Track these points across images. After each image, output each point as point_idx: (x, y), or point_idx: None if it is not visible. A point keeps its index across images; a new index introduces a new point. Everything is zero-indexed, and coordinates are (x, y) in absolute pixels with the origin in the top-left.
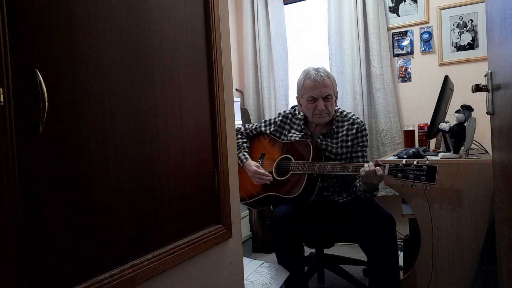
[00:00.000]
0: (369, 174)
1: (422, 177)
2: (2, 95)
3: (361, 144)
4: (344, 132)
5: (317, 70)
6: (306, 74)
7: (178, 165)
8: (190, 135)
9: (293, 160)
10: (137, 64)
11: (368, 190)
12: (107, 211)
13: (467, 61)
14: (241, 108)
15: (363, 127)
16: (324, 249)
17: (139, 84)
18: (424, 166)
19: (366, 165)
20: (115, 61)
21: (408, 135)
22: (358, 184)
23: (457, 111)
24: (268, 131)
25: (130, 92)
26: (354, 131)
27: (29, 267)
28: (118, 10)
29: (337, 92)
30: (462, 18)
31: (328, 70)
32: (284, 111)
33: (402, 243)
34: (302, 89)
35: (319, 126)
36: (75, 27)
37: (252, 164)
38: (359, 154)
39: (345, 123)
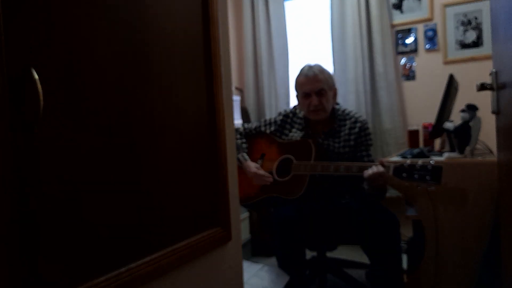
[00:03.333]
0: (372, 177)
1: (427, 177)
2: None
3: (365, 143)
4: (347, 131)
5: (310, 66)
6: (300, 71)
7: (176, 165)
8: (188, 135)
9: (295, 161)
10: (134, 62)
11: (376, 193)
12: (104, 213)
13: (472, 59)
14: (241, 107)
15: (366, 126)
16: (326, 252)
17: (136, 82)
18: (429, 166)
19: (370, 169)
20: (112, 59)
21: (413, 135)
22: (366, 187)
23: (462, 111)
24: (268, 131)
25: (126, 91)
26: (357, 130)
27: (25, 270)
28: (115, 8)
29: (335, 88)
30: (467, 15)
31: (331, 68)
32: (285, 110)
33: (406, 245)
34: (297, 86)
35: (321, 125)
36: (71, 24)
37: (252, 166)
38: (364, 153)
39: (347, 122)
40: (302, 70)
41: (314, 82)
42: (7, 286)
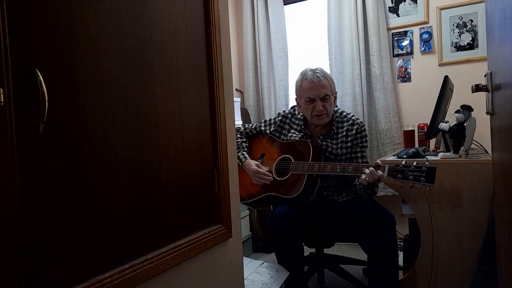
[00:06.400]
0: (370, 178)
1: (422, 178)
2: (2, 95)
3: (360, 144)
4: (344, 133)
5: (314, 71)
6: (303, 76)
7: (178, 165)
8: (190, 135)
9: (293, 160)
10: (137, 64)
11: (368, 187)
12: (107, 211)
13: (467, 61)
14: (241, 108)
15: (362, 128)
16: (324, 249)
17: (138, 84)
18: (423, 167)
19: (367, 170)
20: (115, 61)
21: (408, 135)
22: (357, 183)
23: (457, 111)
24: (268, 131)
25: (130, 92)
26: (353, 131)
27: (29, 267)
28: (118, 11)
29: (336, 93)
30: (462, 18)
31: (328, 70)
32: (284, 111)
33: (402, 243)
34: (300, 90)
35: (319, 126)
36: (75, 27)
37: (252, 163)
38: (359, 154)
39: (345, 124)
40: (305, 74)
41: (319, 88)
42: (9, 284)
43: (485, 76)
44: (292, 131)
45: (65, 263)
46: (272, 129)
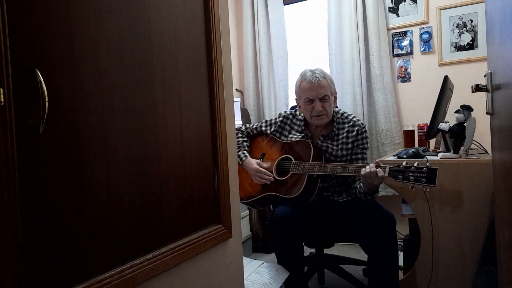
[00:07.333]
0: (369, 175)
1: (423, 179)
2: (2, 95)
3: (361, 146)
4: (345, 134)
5: (313, 71)
6: (303, 76)
7: (178, 165)
8: (190, 135)
9: (293, 161)
10: (137, 64)
11: (368, 192)
12: (107, 211)
13: (466, 61)
14: (241, 108)
15: (363, 129)
16: (324, 249)
17: (138, 83)
18: (424, 168)
19: (367, 166)
20: (115, 61)
21: (408, 135)
22: (358, 186)
23: (457, 111)
24: (268, 131)
25: (129, 92)
26: (354, 133)
27: (29, 267)
28: (118, 10)
29: (336, 93)
30: (462, 18)
31: (328, 70)
32: (285, 112)
33: (402, 243)
34: (299, 91)
35: (320, 127)
36: (75, 26)
37: (253, 162)
38: (359, 156)
39: (346, 125)
40: (305, 75)
41: (318, 89)
42: (9, 284)
43: (485, 76)
44: (293, 132)
45: (65, 263)
46: (272, 129)
